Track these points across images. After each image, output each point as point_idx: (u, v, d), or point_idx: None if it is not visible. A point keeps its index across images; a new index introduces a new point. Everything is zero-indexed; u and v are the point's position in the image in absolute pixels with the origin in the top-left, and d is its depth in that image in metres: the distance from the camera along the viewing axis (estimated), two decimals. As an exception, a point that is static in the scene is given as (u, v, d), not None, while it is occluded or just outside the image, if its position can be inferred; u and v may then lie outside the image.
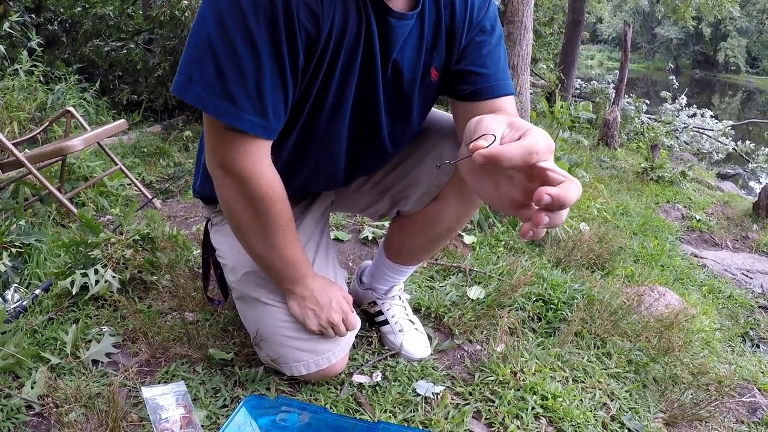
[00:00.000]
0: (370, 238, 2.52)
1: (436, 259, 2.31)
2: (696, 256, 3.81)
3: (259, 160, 1.13)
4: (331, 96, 1.16)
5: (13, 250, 2.00)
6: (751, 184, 8.79)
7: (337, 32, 1.07)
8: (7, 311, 1.67)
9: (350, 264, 2.29)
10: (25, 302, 1.75)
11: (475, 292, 2.01)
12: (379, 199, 1.57)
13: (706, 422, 1.58)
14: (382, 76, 1.18)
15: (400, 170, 1.49)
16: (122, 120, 3.27)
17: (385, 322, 1.70)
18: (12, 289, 1.83)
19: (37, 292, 1.81)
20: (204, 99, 1.02)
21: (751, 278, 3.59)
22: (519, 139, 0.73)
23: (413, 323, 1.71)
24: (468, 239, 2.60)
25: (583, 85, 10.91)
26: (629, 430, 1.47)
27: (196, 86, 1.02)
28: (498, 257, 2.45)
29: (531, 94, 4.82)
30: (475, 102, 1.24)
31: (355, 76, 1.16)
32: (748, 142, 9.14)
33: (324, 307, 1.34)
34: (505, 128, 0.75)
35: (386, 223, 2.65)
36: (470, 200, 1.45)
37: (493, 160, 0.67)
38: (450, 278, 2.17)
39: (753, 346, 2.46)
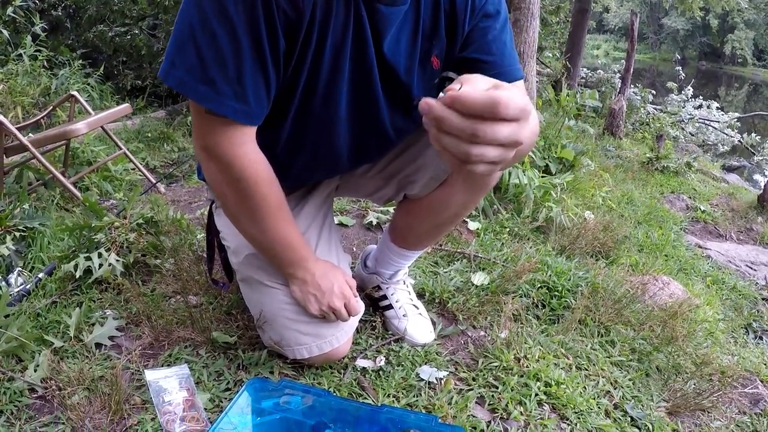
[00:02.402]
0: (374, 223, 2.52)
1: (441, 245, 2.30)
2: (700, 246, 3.81)
3: (241, 144, 1.12)
4: (322, 80, 1.14)
5: (17, 233, 1.99)
6: (756, 176, 8.75)
7: (320, 15, 1.05)
8: (10, 295, 1.67)
9: (354, 249, 2.28)
10: (29, 286, 1.75)
11: (479, 278, 2.00)
12: (385, 185, 1.56)
13: (708, 412, 1.58)
14: (377, 61, 1.16)
15: (407, 155, 1.47)
16: (126, 104, 3.26)
17: (390, 306, 1.69)
18: (15, 272, 1.82)
19: (40, 275, 1.81)
20: (185, 83, 1.02)
21: (755, 270, 3.59)
22: None
23: (417, 308, 1.70)
24: (473, 225, 2.59)
25: (589, 74, 10.84)
26: (632, 418, 1.47)
27: (178, 71, 1.02)
28: (502, 244, 2.45)
29: (537, 82, 4.79)
30: None
31: (346, 60, 1.13)
32: (753, 135, 9.09)
33: (326, 292, 1.34)
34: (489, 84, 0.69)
35: (391, 208, 2.64)
36: (478, 186, 1.43)
37: (456, 100, 0.62)
38: (454, 264, 2.16)
39: (756, 337, 2.45)
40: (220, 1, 0.97)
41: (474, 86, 0.66)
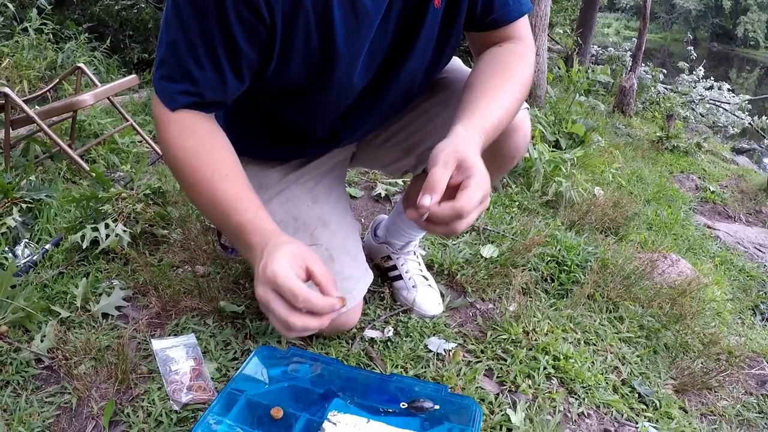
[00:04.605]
0: (382, 195, 2.51)
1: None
2: (709, 227, 3.80)
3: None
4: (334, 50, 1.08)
5: (24, 205, 1.99)
6: (766, 160, 8.70)
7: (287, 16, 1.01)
8: (17, 266, 1.67)
9: (363, 221, 2.28)
10: (36, 257, 1.75)
11: (488, 251, 1.99)
12: (404, 157, 1.53)
13: (715, 391, 1.57)
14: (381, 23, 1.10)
15: (429, 128, 1.43)
16: (133, 75, 3.23)
17: (399, 277, 1.68)
18: (22, 244, 1.82)
19: (47, 246, 1.80)
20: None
21: (763, 252, 3.59)
22: (461, 182, 0.89)
23: (427, 279, 1.69)
24: (483, 198, 2.57)
25: (600, 51, 10.74)
26: (639, 394, 1.47)
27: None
28: (512, 217, 2.44)
29: (548, 58, 4.74)
30: (488, 32, 1.22)
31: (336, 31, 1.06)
32: (764, 118, 9.00)
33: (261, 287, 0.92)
34: (452, 172, 0.90)
35: (399, 180, 2.63)
36: (502, 162, 1.39)
37: (431, 220, 0.89)
38: (463, 236, 2.14)
39: (763, 319, 2.46)
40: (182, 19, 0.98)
41: (438, 192, 0.88)
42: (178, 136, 1.04)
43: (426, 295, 1.64)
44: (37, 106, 3.08)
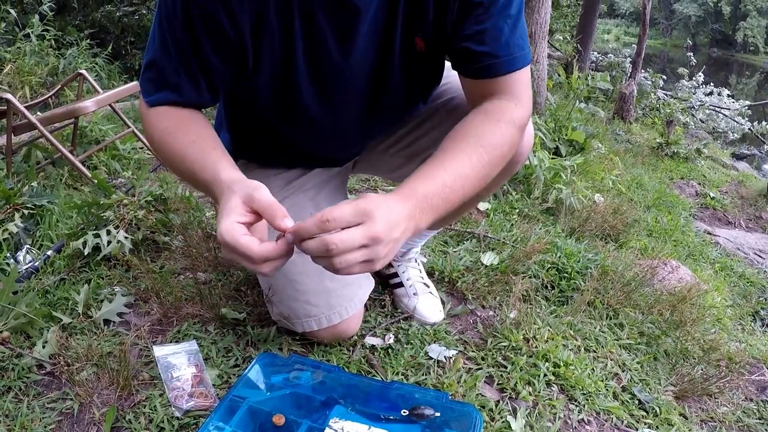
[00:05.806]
0: (383, 203, 2.50)
1: (451, 225, 2.29)
2: (709, 233, 3.81)
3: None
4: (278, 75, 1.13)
5: (25, 211, 1.99)
6: (766, 165, 8.69)
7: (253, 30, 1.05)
8: (19, 272, 1.67)
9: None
10: (37, 263, 1.75)
11: (488, 258, 1.99)
12: (407, 163, 1.52)
13: (715, 398, 1.57)
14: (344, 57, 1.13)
15: (434, 134, 1.42)
16: (135, 82, 3.25)
17: (400, 284, 1.68)
18: (24, 250, 1.82)
19: (49, 253, 1.81)
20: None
21: (763, 258, 3.59)
22: None
23: (428, 287, 1.69)
24: (482, 206, 2.58)
25: (600, 58, 10.74)
26: (640, 401, 1.47)
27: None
28: (512, 224, 2.44)
29: (548, 65, 4.76)
30: (479, 80, 1.16)
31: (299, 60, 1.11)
32: (764, 123, 8.99)
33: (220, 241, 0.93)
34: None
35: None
36: (507, 166, 1.39)
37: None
38: (464, 243, 2.15)
39: (763, 325, 2.45)
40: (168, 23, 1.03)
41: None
42: (155, 120, 1.10)
43: (427, 303, 1.64)
44: (38, 112, 3.10)
